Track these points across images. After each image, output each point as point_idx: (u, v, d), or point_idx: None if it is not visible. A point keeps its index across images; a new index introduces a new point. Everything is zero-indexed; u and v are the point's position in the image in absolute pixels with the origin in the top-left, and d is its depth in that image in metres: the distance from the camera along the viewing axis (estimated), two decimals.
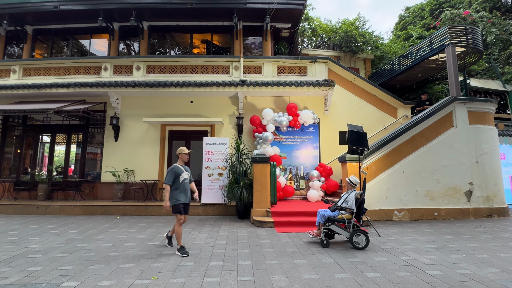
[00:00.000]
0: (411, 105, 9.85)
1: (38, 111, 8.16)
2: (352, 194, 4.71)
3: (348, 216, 4.65)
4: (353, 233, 4.50)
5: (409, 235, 5.41)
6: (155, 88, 8.61)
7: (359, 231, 4.50)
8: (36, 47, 10.95)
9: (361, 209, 4.69)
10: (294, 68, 9.31)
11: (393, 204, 6.97)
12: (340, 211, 4.73)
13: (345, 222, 4.61)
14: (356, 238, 4.48)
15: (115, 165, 8.87)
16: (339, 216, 4.67)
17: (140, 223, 6.55)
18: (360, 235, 4.47)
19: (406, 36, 16.56)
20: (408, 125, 7.43)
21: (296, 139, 8.97)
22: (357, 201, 4.67)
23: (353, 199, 4.63)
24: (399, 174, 7.10)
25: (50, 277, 3.30)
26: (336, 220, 4.65)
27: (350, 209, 4.62)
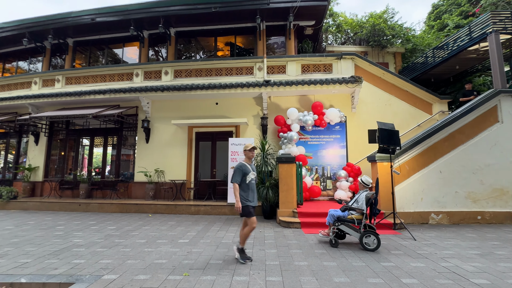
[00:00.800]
0: (448, 99, 9.15)
1: (79, 116, 8.88)
2: (363, 194, 4.64)
3: (358, 216, 4.59)
4: (363, 234, 4.40)
5: (449, 239, 5.03)
6: (182, 92, 8.93)
7: (370, 232, 4.39)
8: (76, 57, 11.92)
9: (373, 210, 4.55)
10: (319, 66, 9.11)
11: (430, 206, 6.52)
12: (350, 212, 4.68)
13: (355, 222, 4.55)
14: (366, 239, 4.38)
15: (146, 165, 9.35)
16: (349, 217, 4.63)
17: (170, 221, 6.83)
18: (371, 236, 4.36)
19: (440, 26, 15.41)
20: (445, 121, 6.90)
21: (322, 138, 8.77)
22: (369, 202, 4.53)
23: (363, 199, 4.55)
24: (436, 174, 6.63)
25: (93, 269, 3.57)
26: (345, 221, 4.61)
27: (360, 210, 4.55)
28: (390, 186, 6.00)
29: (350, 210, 4.69)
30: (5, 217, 7.45)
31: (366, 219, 4.52)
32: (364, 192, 4.71)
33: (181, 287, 3.02)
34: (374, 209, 4.57)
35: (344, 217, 4.63)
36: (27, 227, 6.20)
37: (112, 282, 3.16)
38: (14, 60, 12.89)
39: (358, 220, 4.56)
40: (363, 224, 4.47)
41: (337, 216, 4.66)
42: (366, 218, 4.54)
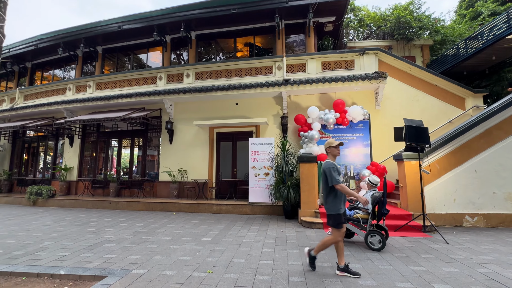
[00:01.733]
0: (483, 93, 8.50)
1: (108, 119, 9.40)
2: (370, 194, 4.63)
3: (363, 216, 4.63)
4: (368, 233, 4.41)
5: (487, 244, 4.66)
6: (203, 93, 9.13)
7: (375, 231, 4.37)
8: (105, 64, 12.64)
9: (380, 210, 4.49)
10: (340, 63, 8.87)
11: (464, 208, 6.10)
12: (356, 211, 4.73)
13: (360, 221, 4.59)
14: (371, 239, 4.38)
15: (170, 165, 9.69)
16: (354, 216, 4.67)
17: (193, 219, 7.02)
18: (376, 236, 4.34)
19: (473, 14, 14.35)
20: (480, 116, 6.41)
21: (345, 137, 8.53)
22: (375, 201, 4.48)
23: (370, 199, 4.51)
24: (470, 173, 6.18)
25: (123, 264, 3.76)
26: (351, 219, 4.65)
27: (365, 209, 4.57)
28: (419, 186, 5.70)
29: (356, 209, 4.74)
30: (45, 214, 8.08)
31: (373, 219, 4.51)
32: (371, 191, 4.71)
33: (205, 284, 3.09)
34: (383, 209, 4.49)
35: (350, 216, 4.68)
36: (64, 223, 6.68)
37: (141, 276, 3.32)
38: (51, 68, 13.95)
39: (363, 220, 4.60)
40: (369, 223, 4.47)
41: None
42: (374, 218, 4.53)
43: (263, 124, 9.17)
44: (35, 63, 14.01)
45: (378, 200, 4.48)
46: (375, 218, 4.56)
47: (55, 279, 3.44)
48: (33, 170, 12.70)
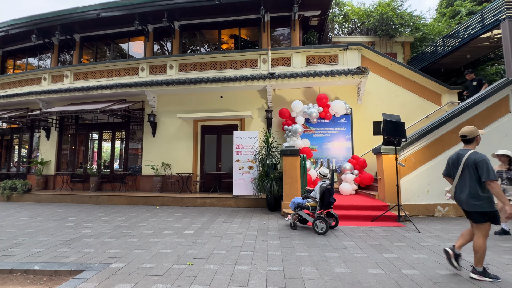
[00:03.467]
0: (458, 90, 8.90)
1: (87, 111, 9.07)
2: (319, 184, 5.07)
3: (313, 204, 5.13)
4: (315, 219, 4.92)
5: (454, 232, 4.98)
6: (187, 85, 8.98)
7: (320, 218, 4.90)
8: (83, 53, 12.09)
9: (326, 198, 4.95)
10: (324, 57, 8.97)
11: (436, 198, 6.44)
12: (307, 199, 5.20)
13: (309, 209, 5.13)
14: (318, 224, 4.89)
15: (153, 159, 9.53)
16: (306, 204, 5.18)
17: (176, 213, 6.99)
18: (321, 222, 4.86)
19: (452, 13, 14.85)
20: (453, 112, 6.73)
21: (327, 131, 8.71)
22: (322, 191, 4.94)
23: (318, 189, 5.03)
24: (443, 166, 6.43)
25: (101, 258, 3.72)
26: (303, 207, 5.19)
27: (314, 198, 5.08)
28: (395, 179, 5.95)
29: (307, 198, 5.20)
30: (20, 209, 7.77)
31: (320, 207, 5.01)
32: (321, 182, 5.12)
33: (185, 275, 3.12)
34: (331, 198, 5.03)
35: (302, 204, 5.21)
36: (41, 218, 6.46)
37: (119, 270, 3.29)
38: (24, 56, 13.17)
39: (312, 207, 5.12)
40: (316, 210, 5.00)
41: (297, 203, 5.25)
42: (322, 206, 5.01)
43: (247, 117, 9.17)
44: (7, 51, 13.18)
45: (325, 189, 4.95)
46: (323, 207, 5.03)
47: (29, 275, 3.35)
48: (7, 164, 12.10)
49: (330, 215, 5.25)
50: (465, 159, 3.02)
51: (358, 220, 5.81)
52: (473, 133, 3.14)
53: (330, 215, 5.25)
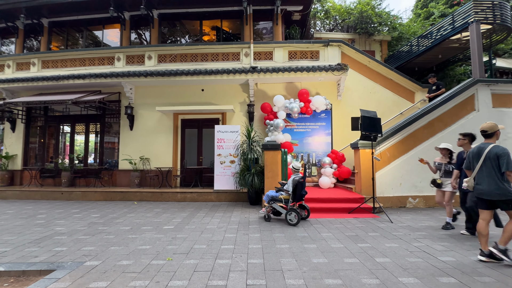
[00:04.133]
0: None
1: (57, 102, 8.51)
2: (291, 178, 5.23)
3: (286, 196, 5.29)
4: (288, 211, 5.10)
5: (423, 222, 5.32)
6: (167, 77, 8.70)
7: (292, 210, 5.09)
8: (53, 39, 11.25)
9: (298, 191, 5.11)
10: (306, 53, 9.05)
11: (408, 191, 6.83)
12: (281, 192, 5.36)
13: (282, 201, 5.29)
14: (290, 216, 5.07)
15: (131, 153, 9.20)
16: (279, 197, 5.33)
17: (156, 208, 6.83)
18: (292, 214, 5.06)
19: (427, 14, 15.55)
20: (425, 109, 7.12)
21: (308, 125, 8.87)
22: (294, 184, 5.09)
23: (291, 182, 5.18)
24: (415, 160, 6.85)
25: (75, 256, 3.56)
26: (276, 200, 5.34)
27: (286, 191, 5.25)
28: (371, 172, 6.21)
29: (281, 191, 5.37)
30: None
31: (293, 200, 5.16)
32: (294, 176, 5.26)
33: (164, 271, 3.08)
34: (302, 191, 5.21)
35: (276, 197, 5.37)
36: (6, 216, 6.04)
37: (94, 268, 3.17)
38: None
39: (285, 200, 5.27)
40: (289, 202, 5.16)
41: (271, 196, 5.41)
42: (294, 199, 5.16)
43: (229, 111, 9.09)
44: None
45: (297, 183, 5.10)
46: (295, 199, 5.19)
47: None
48: None
49: (302, 207, 5.50)
50: (486, 152, 3.28)
51: (336, 212, 6.02)
52: (493, 128, 3.41)
53: (302, 207, 5.50)
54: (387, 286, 2.69)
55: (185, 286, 2.72)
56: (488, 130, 3.42)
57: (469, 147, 4.39)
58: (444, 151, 4.99)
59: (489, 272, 3.01)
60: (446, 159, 4.97)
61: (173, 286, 2.72)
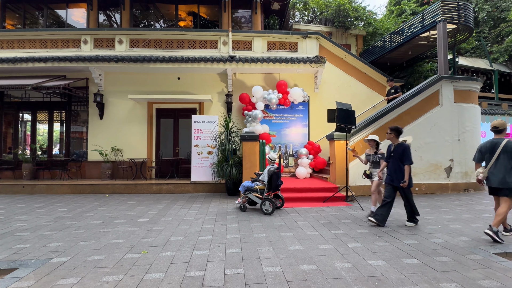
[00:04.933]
0: (400, 83, 9.89)
1: (15, 87, 7.72)
2: (267, 168, 5.38)
3: (261, 187, 5.40)
4: (263, 201, 5.23)
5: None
6: (140, 64, 8.24)
7: (267, 199, 5.22)
8: (7, 17, 10.10)
9: (273, 181, 5.26)
10: (285, 44, 9.04)
11: None
12: (256, 183, 5.49)
13: (258, 191, 5.40)
14: (265, 206, 5.19)
15: (101, 143, 8.70)
16: (255, 187, 5.44)
17: (130, 201, 6.58)
18: (267, 203, 5.19)
19: (399, 11, 16.19)
20: (395, 103, 7.50)
21: (286, 117, 8.96)
22: (270, 174, 5.24)
23: (266, 173, 5.32)
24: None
25: (40, 253, 3.33)
26: (252, 190, 5.44)
27: (262, 181, 5.39)
28: (345, 163, 6.47)
29: (257, 181, 5.49)
30: None
31: (268, 190, 5.31)
32: (269, 166, 5.40)
33: (139, 264, 3.00)
34: (278, 181, 5.37)
35: (251, 187, 5.46)
36: None
37: (62, 264, 3.00)
38: None
39: (261, 190, 5.39)
40: (265, 192, 5.30)
41: (247, 186, 5.48)
42: (269, 189, 5.31)
43: (207, 101, 8.89)
44: None
45: (273, 173, 5.25)
46: (271, 189, 5.34)
47: None
48: None
49: (277, 196, 5.65)
50: (502, 146, 3.66)
51: (312, 201, 6.23)
52: (504, 125, 3.81)
53: (277, 196, 5.65)
54: (357, 269, 2.86)
55: (161, 278, 2.68)
56: (499, 127, 3.80)
57: (396, 140, 4.47)
58: (371, 142, 5.09)
59: (446, 252, 3.32)
60: (374, 150, 5.10)
61: (149, 279, 2.67)
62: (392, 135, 4.50)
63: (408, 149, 4.32)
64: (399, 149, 4.34)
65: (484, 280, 2.61)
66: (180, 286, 2.52)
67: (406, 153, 4.27)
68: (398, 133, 4.48)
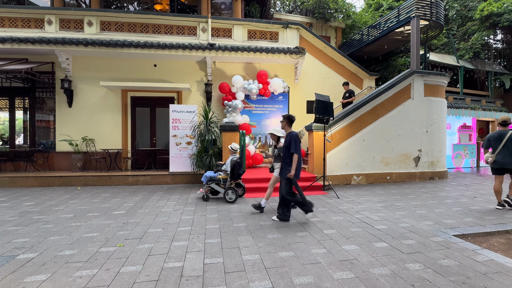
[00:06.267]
0: (375, 76, 10.25)
1: None
2: (229, 158, 5.55)
3: (224, 176, 5.57)
4: (226, 190, 5.39)
5: (364, 196, 6.00)
6: (112, 48, 7.75)
7: (230, 188, 5.40)
8: None
9: (236, 170, 5.46)
10: (266, 33, 8.94)
11: (353, 169, 7.56)
12: (219, 172, 5.64)
13: (221, 181, 5.55)
14: (228, 195, 5.36)
15: (71, 133, 8.18)
16: (218, 177, 5.57)
17: (104, 193, 6.32)
18: (230, 192, 5.37)
19: (377, 5, 16.58)
20: (371, 96, 7.78)
21: (266, 107, 8.98)
22: (233, 164, 5.44)
23: (229, 163, 5.49)
24: (360, 142, 7.60)
25: (3, 250, 3.12)
26: (214, 180, 5.55)
27: (225, 171, 5.55)
28: (323, 153, 6.66)
29: (219, 171, 5.63)
30: None
31: (231, 179, 5.50)
32: (232, 156, 5.58)
33: (115, 257, 2.92)
34: (240, 170, 5.56)
35: (214, 177, 5.56)
36: None
37: (30, 261, 2.84)
38: None
39: (224, 180, 5.55)
40: (227, 182, 5.49)
41: (209, 176, 5.55)
42: (232, 178, 5.49)
43: (185, 90, 8.63)
44: None
45: (235, 163, 5.44)
46: (233, 178, 5.54)
47: None
48: None
49: (239, 185, 5.88)
50: (508, 136, 4.71)
51: None
52: (509, 120, 4.89)
53: (239, 185, 5.88)
54: (332, 254, 3.00)
55: (138, 271, 2.63)
56: (507, 121, 4.89)
57: (288, 129, 4.34)
58: (272, 136, 4.78)
59: (412, 236, 3.59)
60: (274, 143, 4.89)
61: (125, 272, 2.61)
62: (284, 123, 4.38)
63: (296, 137, 4.17)
64: (287, 138, 4.20)
65: (444, 260, 2.87)
66: (159, 277, 2.50)
67: (293, 142, 4.10)
68: (290, 121, 4.38)
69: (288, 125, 4.42)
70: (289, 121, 4.40)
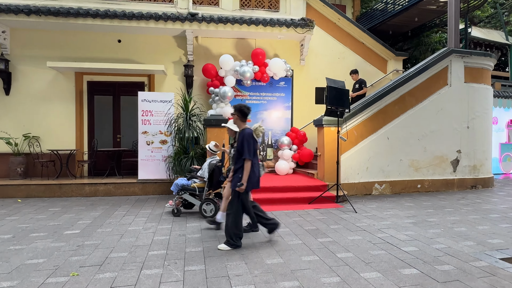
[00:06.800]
0: (403, 57, 10.38)
1: None
2: (207, 162, 5.56)
3: (200, 184, 5.55)
4: (203, 202, 5.35)
5: (388, 210, 6.07)
6: (63, 19, 7.71)
7: (209, 200, 5.39)
8: None
9: (215, 177, 5.47)
10: (263, 1, 8.97)
11: (374, 176, 7.63)
12: (194, 180, 5.60)
13: (196, 191, 5.53)
14: (205, 207, 5.33)
15: (8, 129, 8.14)
16: (192, 185, 5.55)
17: (52, 207, 6.30)
18: (210, 204, 5.34)
19: None
20: (397, 82, 7.86)
21: (263, 96, 9.02)
22: (211, 169, 5.43)
23: (207, 167, 5.46)
24: (384, 140, 7.68)
25: None
26: (188, 189, 5.55)
27: (201, 177, 5.49)
28: (336, 155, 6.71)
29: (194, 178, 5.59)
30: None
31: (209, 188, 5.51)
32: (210, 159, 5.58)
33: None
34: (220, 177, 5.51)
35: (187, 186, 5.53)
36: None
37: None
38: None
39: (200, 189, 5.52)
40: (205, 191, 5.46)
41: (181, 185, 5.55)
42: (210, 187, 5.52)
43: (159, 73, 8.67)
44: None
45: (215, 167, 5.42)
46: (212, 187, 5.56)
47: None
48: None
49: (219, 195, 5.76)
50: None
51: (294, 203, 6.42)
52: None
53: (219, 195, 5.76)
54: (348, 283, 3.03)
55: None
56: None
57: (241, 124, 4.18)
58: (228, 131, 4.81)
59: (448, 260, 3.65)
60: (232, 141, 5.02)
61: None
62: (236, 117, 4.14)
63: (249, 136, 3.97)
64: (240, 138, 4.02)
65: None
66: None
67: (245, 143, 3.89)
68: (242, 114, 4.10)
69: (241, 120, 4.13)
70: (242, 114, 4.10)
